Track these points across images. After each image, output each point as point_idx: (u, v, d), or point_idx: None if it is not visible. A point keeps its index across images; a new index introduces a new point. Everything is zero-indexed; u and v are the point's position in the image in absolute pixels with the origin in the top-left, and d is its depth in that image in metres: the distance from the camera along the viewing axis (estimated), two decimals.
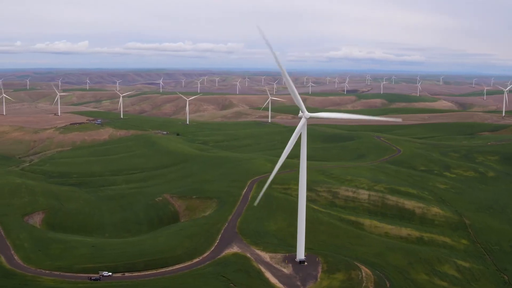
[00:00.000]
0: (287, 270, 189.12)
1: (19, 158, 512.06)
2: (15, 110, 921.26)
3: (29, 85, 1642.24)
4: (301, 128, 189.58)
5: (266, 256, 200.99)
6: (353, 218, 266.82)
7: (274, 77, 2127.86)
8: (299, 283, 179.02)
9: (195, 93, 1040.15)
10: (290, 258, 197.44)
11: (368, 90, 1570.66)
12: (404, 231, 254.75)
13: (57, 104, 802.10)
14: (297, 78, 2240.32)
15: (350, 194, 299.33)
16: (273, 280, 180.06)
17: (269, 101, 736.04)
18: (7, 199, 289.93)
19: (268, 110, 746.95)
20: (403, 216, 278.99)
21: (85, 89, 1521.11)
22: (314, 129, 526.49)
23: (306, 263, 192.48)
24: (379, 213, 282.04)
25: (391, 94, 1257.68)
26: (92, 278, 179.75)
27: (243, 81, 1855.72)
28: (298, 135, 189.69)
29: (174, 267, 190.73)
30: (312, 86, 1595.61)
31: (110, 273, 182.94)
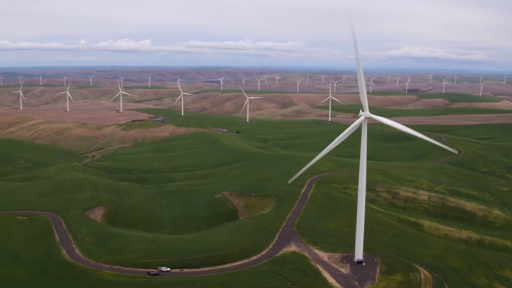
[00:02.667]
0: (344, 270, 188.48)
1: (82, 154, 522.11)
2: (78, 107, 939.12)
3: (92, 83, 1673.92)
4: (357, 124, 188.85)
5: (324, 255, 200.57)
6: (412, 219, 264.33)
7: (335, 75, 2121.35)
8: (356, 284, 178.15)
9: (255, 92, 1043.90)
10: (348, 258, 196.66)
11: (429, 90, 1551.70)
12: (464, 234, 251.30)
13: (119, 101, 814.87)
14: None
15: (410, 194, 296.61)
16: (330, 279, 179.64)
17: (329, 100, 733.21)
18: (69, 193, 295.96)
19: (328, 109, 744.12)
20: (463, 218, 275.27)
21: (146, 87, 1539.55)
22: (374, 128, 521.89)
23: (364, 264, 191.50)
24: (439, 214, 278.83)
25: (453, 94, 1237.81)
26: (151, 273, 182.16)
27: (303, 79, 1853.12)
28: (353, 131, 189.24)
29: (232, 264, 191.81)
30: (372, 85, 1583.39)
31: (168, 269, 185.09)
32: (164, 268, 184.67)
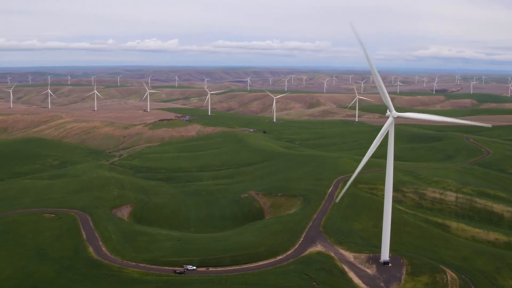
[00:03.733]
0: (370, 270, 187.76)
1: (109, 152, 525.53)
2: (106, 106, 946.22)
3: (119, 82, 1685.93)
4: (387, 127, 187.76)
5: (350, 255, 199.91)
6: (439, 220, 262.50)
7: (362, 76, 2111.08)
8: (382, 285, 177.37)
9: (282, 91, 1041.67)
10: (374, 258, 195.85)
11: (457, 90, 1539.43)
12: (492, 235, 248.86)
13: (147, 101, 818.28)
14: (385, 77, 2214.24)
15: (437, 195, 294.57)
16: (356, 280, 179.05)
17: (356, 100, 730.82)
18: (97, 192, 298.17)
19: (355, 109, 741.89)
20: (491, 219, 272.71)
21: (173, 86, 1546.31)
22: (401, 129, 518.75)
23: (390, 264, 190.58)
24: (466, 216, 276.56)
25: (481, 94, 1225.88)
26: (177, 271, 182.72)
27: (330, 79, 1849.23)
28: (384, 134, 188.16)
29: (258, 264, 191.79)
30: (400, 85, 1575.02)
31: (194, 267, 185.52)
32: (190, 267, 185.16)
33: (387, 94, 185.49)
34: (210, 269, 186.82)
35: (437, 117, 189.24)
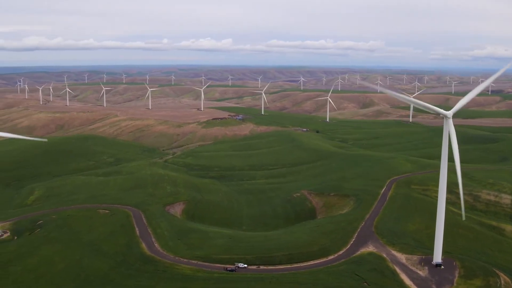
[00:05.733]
0: (422, 272, 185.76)
1: (163, 150, 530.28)
2: (160, 104, 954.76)
3: (173, 81, 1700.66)
4: (449, 128, 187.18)
5: (402, 257, 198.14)
6: (494, 223, 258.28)
7: (416, 75, 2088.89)
8: (434, 287, 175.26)
9: (336, 91, 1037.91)
10: (427, 260, 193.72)
11: None
12: None
13: (200, 100, 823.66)
14: (439, 77, 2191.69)
15: (492, 198, 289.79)
16: (407, 282, 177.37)
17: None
18: (150, 189, 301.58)
19: (410, 109, 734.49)
20: None
21: (227, 86, 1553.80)
22: (455, 129, 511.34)
23: (442, 267, 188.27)
24: None
25: None
26: (228, 268, 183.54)
27: (384, 79, 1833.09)
28: (452, 135, 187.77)
29: (309, 263, 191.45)
30: (455, 85, 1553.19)
31: (245, 265, 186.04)
32: (241, 265, 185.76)
33: (431, 106, 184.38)
34: (261, 267, 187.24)
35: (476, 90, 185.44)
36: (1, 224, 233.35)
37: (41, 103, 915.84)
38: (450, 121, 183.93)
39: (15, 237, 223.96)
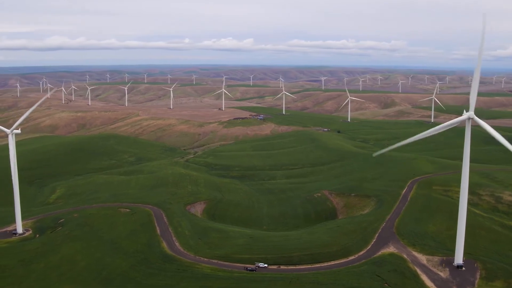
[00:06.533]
0: (443, 274, 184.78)
1: (184, 150, 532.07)
2: (182, 104, 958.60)
3: (195, 81, 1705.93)
4: (456, 121, 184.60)
5: (422, 258, 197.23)
6: None
7: (438, 76, 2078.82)
8: None
9: (357, 91, 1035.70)
10: (448, 262, 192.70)
11: None
12: None
13: (222, 99, 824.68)
14: (461, 77, 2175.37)
15: None
16: (428, 283, 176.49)
17: (432, 100, 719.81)
18: (172, 188, 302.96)
19: (431, 110, 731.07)
20: None
21: (248, 85, 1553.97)
22: (477, 130, 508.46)
23: (464, 268, 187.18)
24: None
25: None
26: (248, 268, 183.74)
27: (405, 79, 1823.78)
28: (449, 127, 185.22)
29: (329, 263, 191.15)
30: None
31: (266, 265, 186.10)
32: (261, 264, 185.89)
33: (476, 94, 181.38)
34: (282, 267, 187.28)
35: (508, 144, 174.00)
36: (24, 222, 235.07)
37: (63, 102, 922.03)
38: (469, 122, 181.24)
39: (37, 235, 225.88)
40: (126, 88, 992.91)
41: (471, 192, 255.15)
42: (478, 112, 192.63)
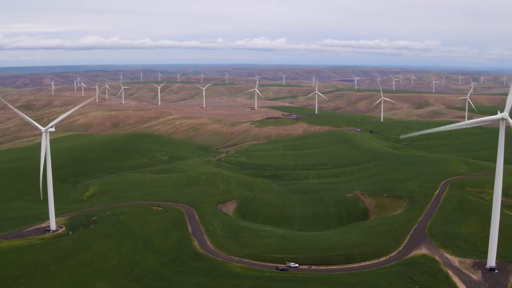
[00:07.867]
0: (476, 276, 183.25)
1: (216, 149, 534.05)
2: (214, 103, 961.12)
3: (228, 80, 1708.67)
4: (489, 120, 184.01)
5: (455, 260, 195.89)
6: None
7: (472, 76, 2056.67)
8: None
9: (390, 91, 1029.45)
10: (480, 264, 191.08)
11: None
12: None
13: (254, 99, 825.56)
14: (496, 78, 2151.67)
15: None
16: (460, 285, 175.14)
17: (466, 100, 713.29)
18: (203, 187, 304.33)
19: (465, 110, 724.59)
20: None
21: (281, 85, 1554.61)
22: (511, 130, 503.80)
23: (496, 271, 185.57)
24: None
25: None
26: (280, 268, 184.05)
27: (439, 79, 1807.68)
28: (480, 124, 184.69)
29: (361, 264, 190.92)
30: None
31: (297, 265, 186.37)
32: (292, 264, 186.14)
33: None
34: (313, 267, 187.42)
35: None
36: (57, 219, 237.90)
37: (97, 101, 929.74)
38: (503, 123, 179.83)
39: (70, 232, 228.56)
40: (159, 87, 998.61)
41: (504, 194, 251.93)
42: None
